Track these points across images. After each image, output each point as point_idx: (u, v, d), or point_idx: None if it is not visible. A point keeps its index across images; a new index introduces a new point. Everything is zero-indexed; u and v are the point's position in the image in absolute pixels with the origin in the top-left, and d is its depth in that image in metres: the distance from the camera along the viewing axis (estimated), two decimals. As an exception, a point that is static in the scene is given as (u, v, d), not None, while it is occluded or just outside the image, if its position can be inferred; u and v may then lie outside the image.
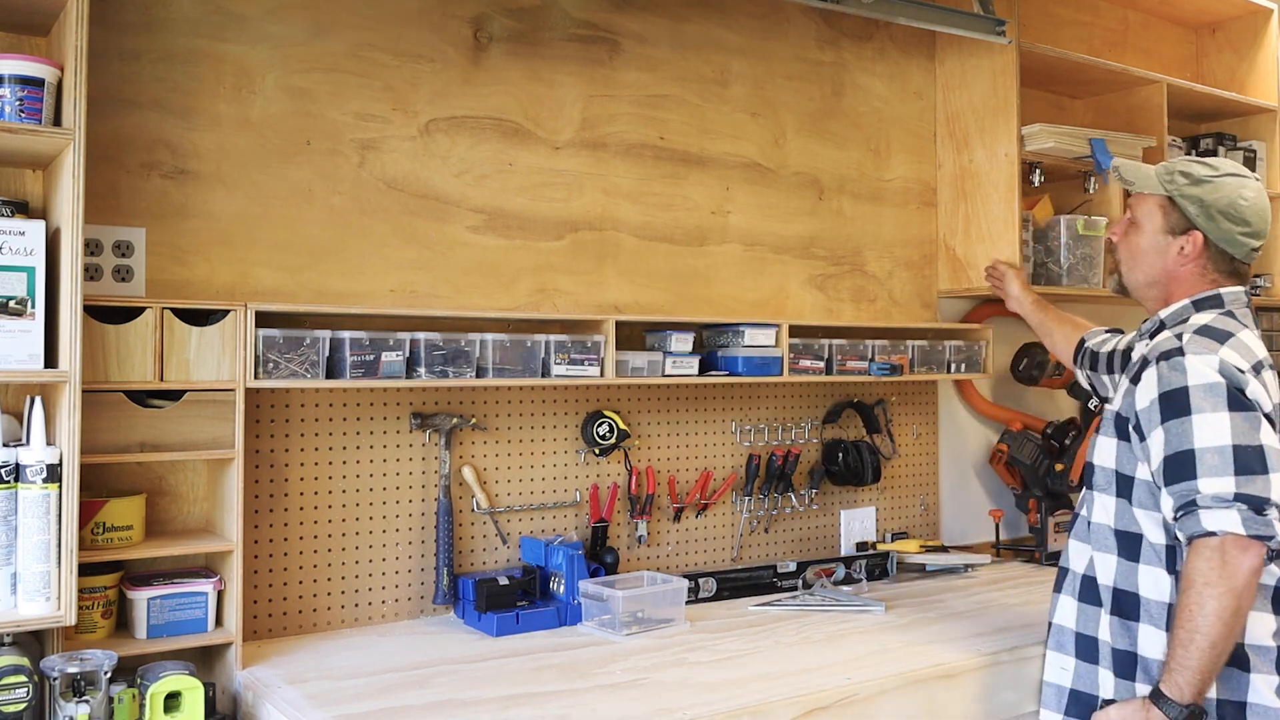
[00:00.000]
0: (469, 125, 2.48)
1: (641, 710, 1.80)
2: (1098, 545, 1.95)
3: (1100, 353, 2.29)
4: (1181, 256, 1.96)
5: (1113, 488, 1.93)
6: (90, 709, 1.75)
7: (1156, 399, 1.82)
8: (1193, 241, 1.95)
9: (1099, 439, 1.99)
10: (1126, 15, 3.73)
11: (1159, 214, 1.98)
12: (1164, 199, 1.98)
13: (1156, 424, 1.81)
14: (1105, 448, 1.96)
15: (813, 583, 2.77)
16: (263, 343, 2.04)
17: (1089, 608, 1.95)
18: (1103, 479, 1.96)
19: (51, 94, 1.81)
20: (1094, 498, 1.98)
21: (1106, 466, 1.95)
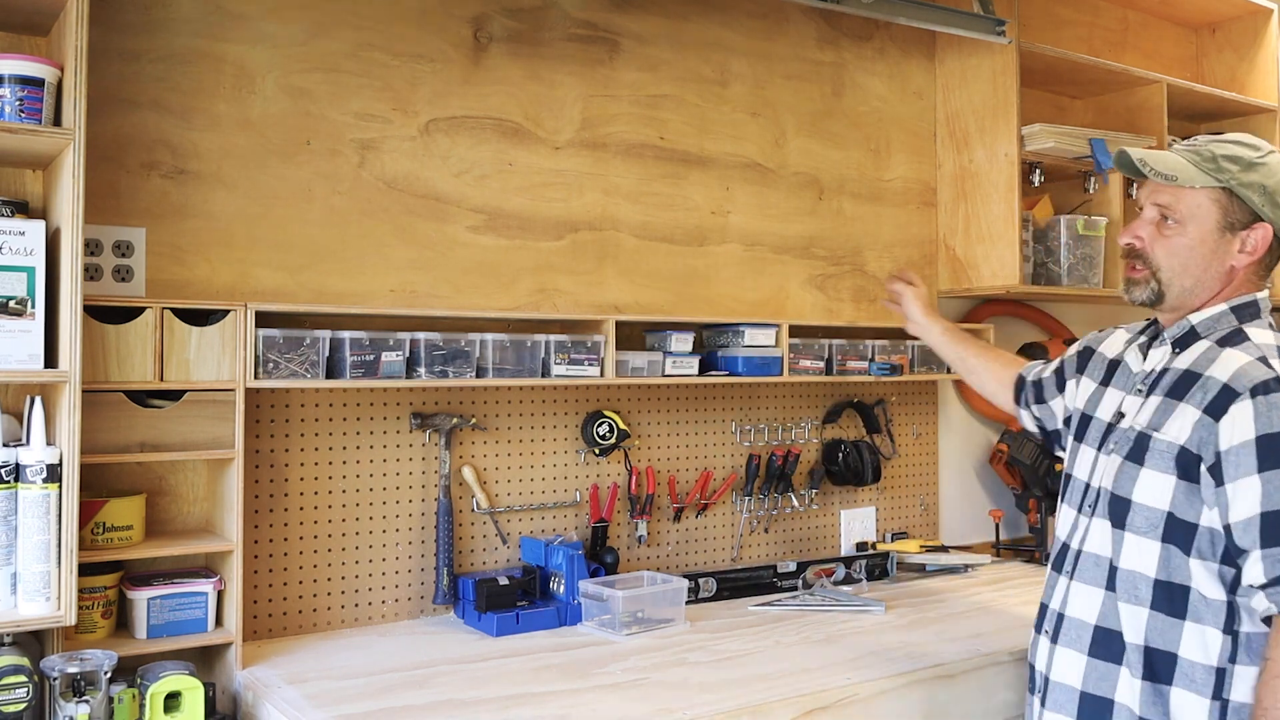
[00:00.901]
0: (469, 125, 2.48)
1: (641, 710, 1.80)
2: (1126, 595, 1.69)
3: (1043, 379, 2.08)
4: (1245, 254, 1.72)
5: (1159, 532, 1.66)
6: (90, 709, 1.75)
7: (1253, 441, 1.57)
8: (1261, 236, 1.72)
9: (1144, 472, 1.68)
10: (1126, 15, 3.73)
11: (1215, 209, 1.72)
12: (1219, 191, 1.71)
13: (1251, 471, 1.56)
14: (1154, 485, 1.67)
15: (813, 583, 2.77)
16: (263, 343, 2.04)
17: (1103, 665, 1.70)
18: (1145, 521, 1.67)
19: (51, 94, 1.81)
20: (1123, 539, 1.70)
21: (1154, 507, 1.66)
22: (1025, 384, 2.14)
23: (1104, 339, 1.99)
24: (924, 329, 2.34)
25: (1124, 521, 1.71)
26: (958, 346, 2.29)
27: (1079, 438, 1.89)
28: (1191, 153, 1.75)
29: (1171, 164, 1.74)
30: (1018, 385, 2.15)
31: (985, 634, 2.28)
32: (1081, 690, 1.73)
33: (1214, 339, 1.72)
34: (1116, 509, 1.73)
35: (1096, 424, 1.85)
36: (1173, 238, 1.75)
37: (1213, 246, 1.73)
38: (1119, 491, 1.72)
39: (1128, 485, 1.71)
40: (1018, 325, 3.46)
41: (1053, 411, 2.07)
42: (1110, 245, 3.21)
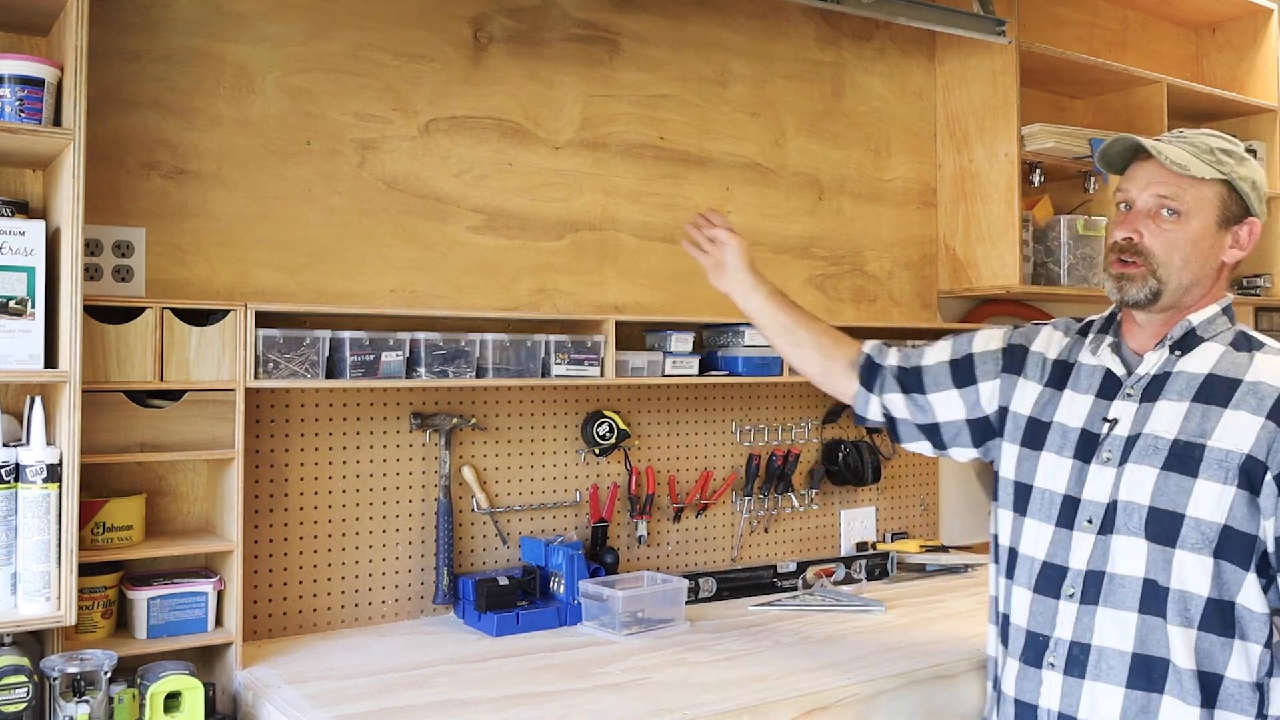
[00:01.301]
0: (469, 125, 2.48)
1: (641, 710, 1.80)
2: (1177, 618, 1.57)
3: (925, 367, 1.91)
4: (1237, 249, 1.69)
5: (1212, 547, 1.56)
6: (90, 709, 1.75)
7: None
8: (1250, 231, 1.69)
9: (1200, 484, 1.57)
10: (1126, 15, 3.73)
11: (1217, 202, 1.66)
12: (1222, 185, 1.66)
13: None
14: (1211, 497, 1.56)
15: (813, 583, 2.77)
16: (263, 343, 2.04)
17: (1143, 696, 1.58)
18: (1200, 536, 1.57)
19: (51, 94, 1.81)
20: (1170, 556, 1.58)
21: (1211, 520, 1.56)
22: (883, 370, 1.94)
23: (1035, 336, 1.87)
24: (746, 287, 1.98)
25: (1174, 538, 1.58)
26: (785, 314, 1.98)
27: (1032, 444, 1.76)
28: (1187, 144, 1.69)
29: (1179, 154, 1.67)
30: (867, 367, 1.95)
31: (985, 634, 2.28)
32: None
33: (1218, 341, 1.67)
34: (1162, 524, 1.59)
35: (1062, 430, 1.73)
36: (1173, 231, 1.66)
37: (1211, 241, 1.67)
38: (1164, 505, 1.59)
39: (1179, 499, 1.58)
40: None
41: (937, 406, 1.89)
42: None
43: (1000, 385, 1.85)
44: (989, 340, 1.90)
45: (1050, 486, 1.72)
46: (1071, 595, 1.66)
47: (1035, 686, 1.69)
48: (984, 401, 1.87)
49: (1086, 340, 1.79)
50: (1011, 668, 1.74)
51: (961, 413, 1.89)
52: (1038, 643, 1.69)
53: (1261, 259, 3.75)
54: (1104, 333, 1.77)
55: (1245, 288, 3.73)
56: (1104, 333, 1.77)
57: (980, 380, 1.87)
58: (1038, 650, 1.69)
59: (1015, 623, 1.74)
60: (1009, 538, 1.78)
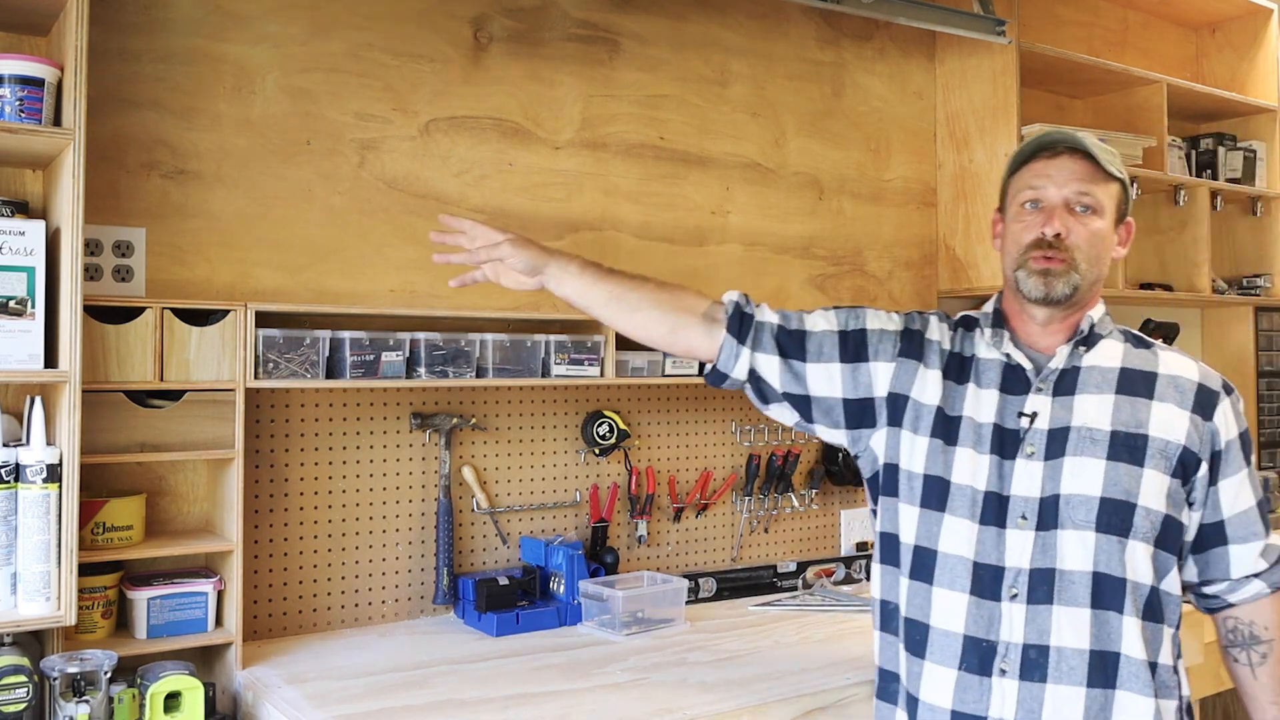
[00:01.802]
0: (469, 125, 2.48)
1: (641, 710, 1.80)
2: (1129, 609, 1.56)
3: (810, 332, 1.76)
4: (1121, 248, 1.74)
5: (1154, 536, 1.58)
6: (90, 709, 1.75)
7: (1238, 438, 1.66)
8: (1127, 230, 1.74)
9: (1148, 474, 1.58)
10: (1126, 15, 3.73)
11: (1115, 200, 1.69)
12: (1119, 184, 1.70)
13: (1242, 467, 1.65)
14: (1156, 487, 1.58)
15: (813, 583, 2.77)
16: (263, 343, 2.04)
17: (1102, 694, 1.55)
18: (1150, 526, 1.58)
19: (51, 94, 1.81)
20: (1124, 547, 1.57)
21: (1156, 510, 1.58)
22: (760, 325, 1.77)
23: (928, 324, 1.78)
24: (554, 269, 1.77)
25: (1128, 529, 1.57)
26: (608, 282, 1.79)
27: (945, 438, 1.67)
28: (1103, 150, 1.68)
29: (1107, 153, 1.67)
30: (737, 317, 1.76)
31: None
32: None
33: (1113, 338, 1.70)
34: (1117, 516, 1.57)
35: (973, 425, 1.66)
36: (1091, 224, 1.66)
37: (1111, 239, 1.69)
38: (1116, 496, 1.57)
39: (1130, 488, 1.58)
40: (1018, 325, 3.46)
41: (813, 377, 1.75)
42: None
43: (897, 370, 1.72)
44: (884, 320, 1.78)
45: (970, 483, 1.63)
46: (1015, 596, 1.57)
47: (983, 696, 1.57)
48: (875, 384, 1.73)
49: (978, 335, 1.73)
50: (941, 677, 1.60)
51: (840, 390, 1.74)
52: (982, 649, 1.58)
53: (1261, 259, 3.75)
54: (999, 328, 1.71)
55: (1245, 288, 3.73)
56: (999, 328, 1.71)
57: (873, 359, 1.74)
58: (984, 657, 1.58)
59: (941, 628, 1.61)
60: (914, 535, 1.66)
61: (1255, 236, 3.78)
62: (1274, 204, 3.71)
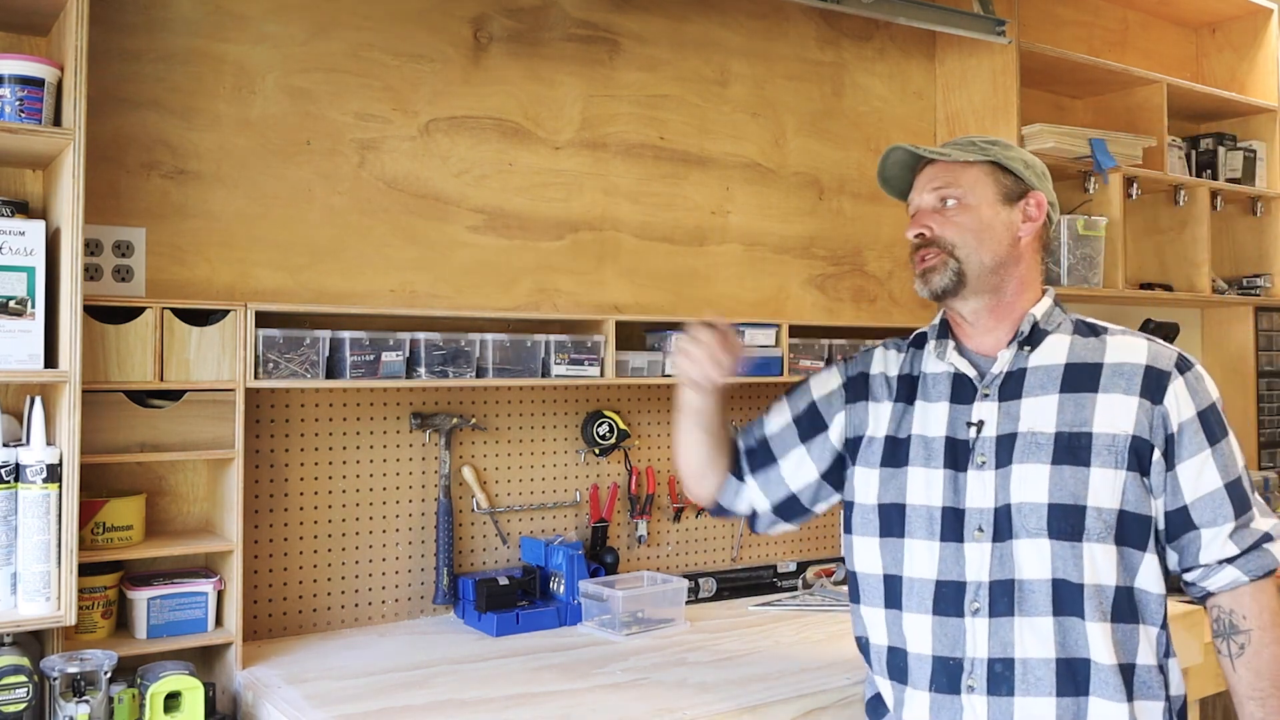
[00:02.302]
0: (469, 125, 2.48)
1: (641, 710, 1.80)
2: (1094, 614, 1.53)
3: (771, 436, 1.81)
4: (1028, 223, 1.66)
5: (1113, 534, 1.53)
6: (90, 709, 1.75)
7: (1195, 417, 1.56)
8: (1036, 202, 1.67)
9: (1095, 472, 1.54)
10: (1126, 15, 3.73)
11: (990, 180, 1.66)
12: (988, 165, 1.67)
13: (1204, 447, 1.55)
14: (1106, 484, 1.54)
15: (813, 583, 2.77)
16: (263, 343, 2.05)
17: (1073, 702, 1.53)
18: (1103, 526, 1.53)
19: (51, 94, 1.81)
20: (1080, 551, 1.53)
21: (1109, 508, 1.53)
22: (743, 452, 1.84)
23: (870, 360, 1.80)
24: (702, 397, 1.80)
25: (1080, 532, 1.53)
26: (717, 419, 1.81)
27: (893, 463, 1.67)
28: (950, 144, 1.72)
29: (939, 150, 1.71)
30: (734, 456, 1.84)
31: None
32: None
33: (1061, 332, 1.66)
34: (1066, 520, 1.53)
35: (923, 442, 1.65)
36: (957, 215, 1.66)
37: (999, 218, 1.65)
38: (1064, 500, 1.54)
39: (1078, 490, 1.54)
40: (1018, 325, 3.46)
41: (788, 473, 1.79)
42: (1110, 245, 3.21)
43: (847, 417, 1.76)
44: (826, 382, 1.82)
45: (925, 502, 1.62)
46: (978, 611, 1.56)
47: (956, 715, 1.57)
48: (834, 440, 1.77)
49: (925, 350, 1.73)
50: (919, 701, 1.60)
51: (814, 471, 1.78)
52: (949, 667, 1.58)
53: (1261, 259, 3.76)
54: (944, 338, 1.71)
55: (1245, 288, 3.73)
56: (944, 338, 1.71)
57: (829, 422, 1.78)
58: (951, 675, 1.57)
59: (915, 652, 1.61)
60: (882, 565, 1.66)
61: (1255, 236, 3.78)
62: (1274, 204, 3.71)
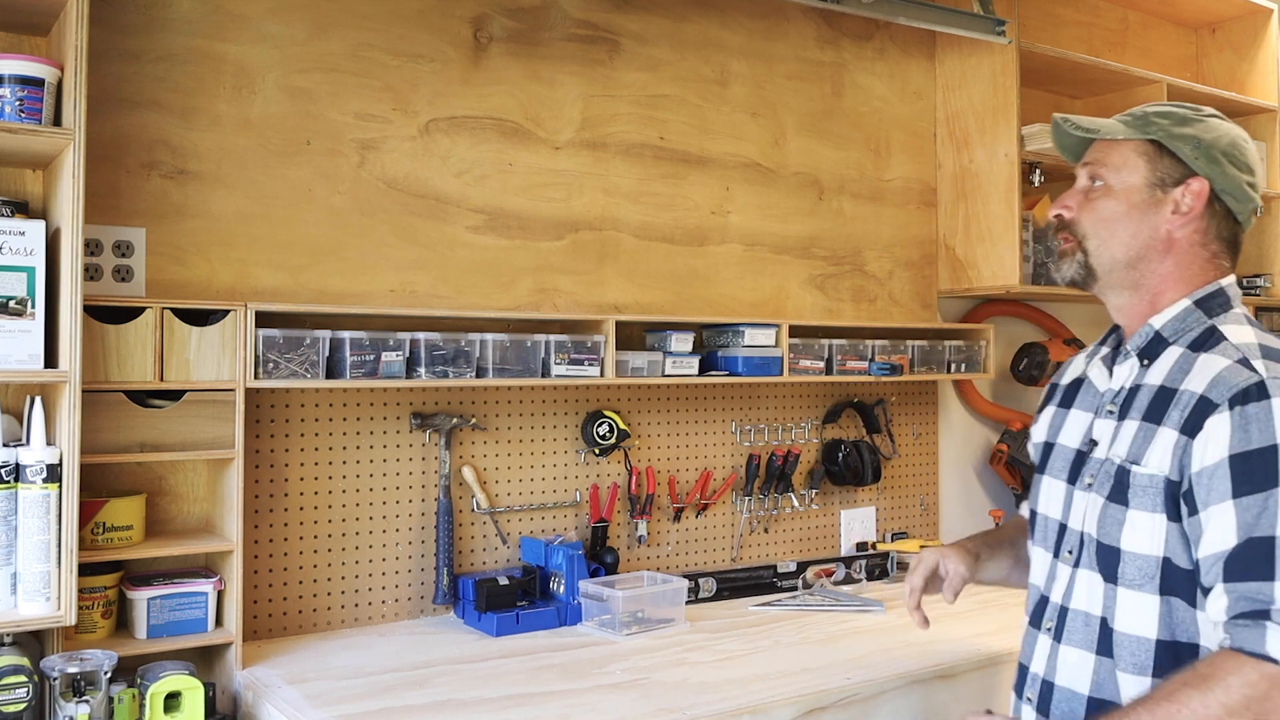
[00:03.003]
0: (469, 125, 2.48)
1: (641, 710, 1.80)
2: (1127, 664, 1.42)
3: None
4: (1178, 216, 1.48)
5: (1156, 584, 1.39)
6: (90, 709, 1.75)
7: (1226, 460, 1.32)
8: (1193, 192, 1.47)
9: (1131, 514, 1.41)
10: (1126, 15, 3.73)
11: (1142, 162, 1.50)
12: (1146, 144, 1.50)
13: (1224, 496, 1.32)
14: (1143, 528, 1.40)
15: (813, 583, 2.77)
16: (263, 343, 2.04)
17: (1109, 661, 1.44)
18: (1139, 572, 1.40)
19: (51, 94, 1.81)
20: (1116, 595, 1.43)
21: (1147, 554, 1.39)
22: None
23: (1063, 372, 1.72)
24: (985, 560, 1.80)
25: (1115, 574, 1.43)
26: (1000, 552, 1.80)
27: (1042, 469, 1.63)
28: (1128, 113, 1.55)
29: (1095, 121, 1.56)
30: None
31: (985, 634, 2.28)
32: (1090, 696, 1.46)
33: (1185, 344, 1.46)
34: (1105, 559, 1.44)
35: (1061, 451, 1.58)
36: (1098, 200, 1.52)
37: (1146, 206, 1.49)
38: (1105, 539, 1.45)
39: (1114, 531, 1.43)
40: (1018, 325, 3.46)
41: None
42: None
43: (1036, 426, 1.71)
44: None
45: (1048, 512, 1.58)
46: (1049, 630, 1.53)
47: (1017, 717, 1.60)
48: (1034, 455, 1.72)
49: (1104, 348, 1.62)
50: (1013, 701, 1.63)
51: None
52: (1022, 674, 1.59)
53: (1261, 259, 3.75)
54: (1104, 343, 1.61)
55: (1246, 288, 3.73)
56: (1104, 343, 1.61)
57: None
58: (1020, 683, 1.60)
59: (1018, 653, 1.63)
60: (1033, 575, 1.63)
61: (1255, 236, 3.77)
62: (1274, 204, 3.71)
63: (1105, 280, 1.53)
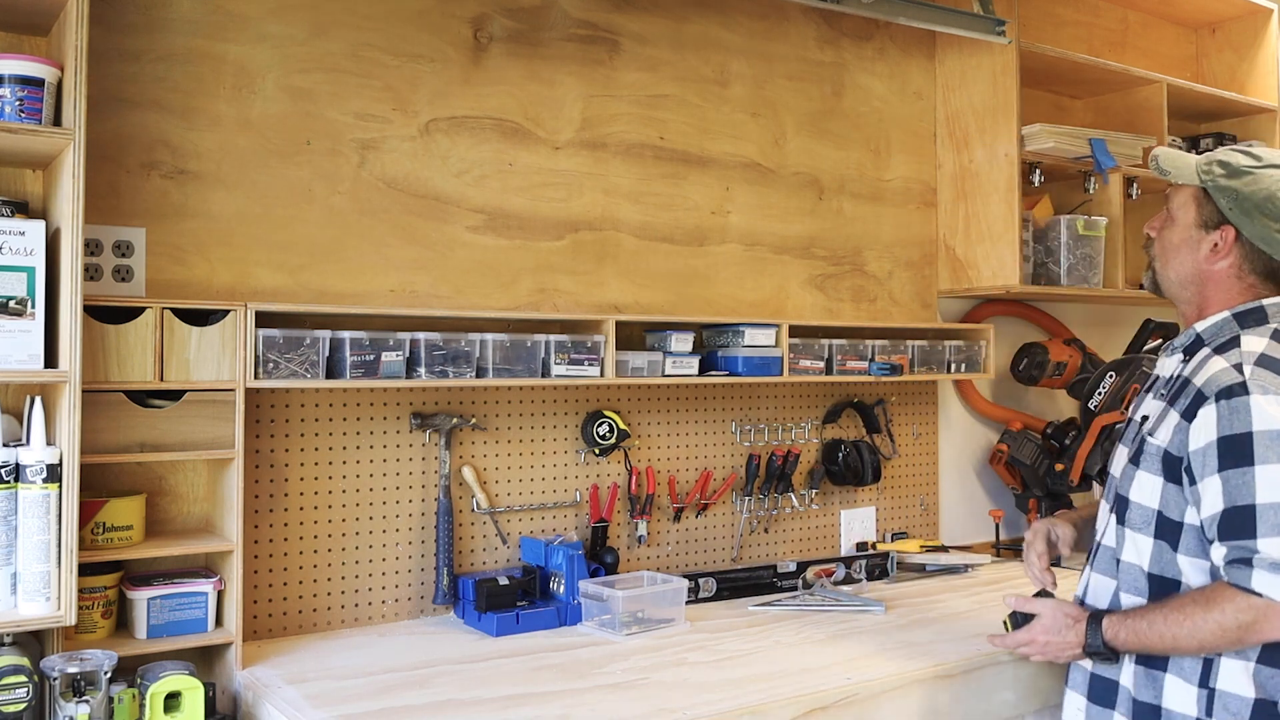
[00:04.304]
0: (469, 125, 2.48)
1: (641, 710, 1.80)
2: (1126, 586, 1.82)
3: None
4: (1213, 254, 1.82)
5: (1151, 529, 1.78)
6: (90, 709, 1.75)
7: (1215, 442, 1.68)
8: (1224, 237, 1.81)
9: (1139, 473, 1.80)
10: (1126, 15, 3.73)
11: (1193, 206, 1.84)
12: (1198, 190, 1.83)
13: (1213, 471, 1.67)
14: (1147, 485, 1.78)
15: (813, 583, 2.76)
16: (263, 343, 2.04)
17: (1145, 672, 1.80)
18: (1140, 518, 1.79)
19: (51, 94, 1.81)
20: (1124, 534, 1.82)
21: (1147, 506, 1.78)
22: None
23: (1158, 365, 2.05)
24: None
25: (1124, 518, 1.83)
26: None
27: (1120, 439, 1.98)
28: (1205, 157, 1.86)
29: (1174, 161, 1.87)
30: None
31: (985, 634, 2.28)
32: (1092, 672, 1.87)
33: (1214, 346, 1.79)
34: (1120, 506, 1.84)
35: (1131, 424, 1.93)
36: (1166, 231, 1.89)
37: (1192, 244, 1.85)
38: (1121, 490, 1.85)
39: (1127, 484, 1.83)
40: (1018, 325, 3.47)
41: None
42: (1110, 245, 3.22)
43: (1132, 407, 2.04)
44: None
45: (1114, 472, 1.93)
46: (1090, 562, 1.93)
47: None
48: None
49: None
50: None
51: None
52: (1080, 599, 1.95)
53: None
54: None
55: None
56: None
57: None
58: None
59: None
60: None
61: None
62: (1274, 204, 3.70)
63: (1166, 292, 1.91)
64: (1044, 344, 3.32)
